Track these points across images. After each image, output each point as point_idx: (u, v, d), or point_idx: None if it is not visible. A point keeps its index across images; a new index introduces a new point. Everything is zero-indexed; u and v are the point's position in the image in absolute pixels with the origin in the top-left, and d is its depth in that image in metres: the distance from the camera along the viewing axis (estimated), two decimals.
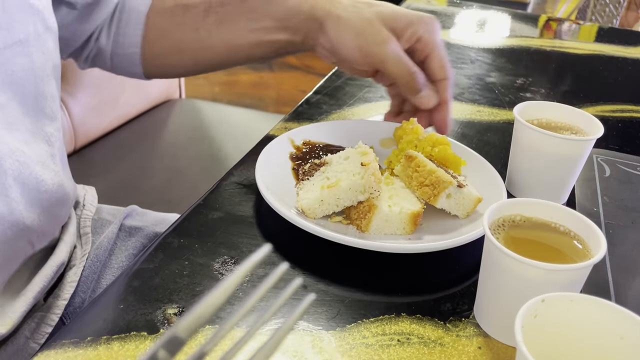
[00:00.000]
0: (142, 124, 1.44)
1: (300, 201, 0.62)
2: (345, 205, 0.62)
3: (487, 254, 0.51)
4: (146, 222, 0.84)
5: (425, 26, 0.73)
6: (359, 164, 0.62)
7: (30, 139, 0.64)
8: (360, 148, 0.65)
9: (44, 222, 0.67)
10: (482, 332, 0.53)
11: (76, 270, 0.74)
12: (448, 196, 0.62)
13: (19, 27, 0.60)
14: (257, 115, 1.63)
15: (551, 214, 0.54)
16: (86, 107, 1.28)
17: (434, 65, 0.74)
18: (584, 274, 0.49)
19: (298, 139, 0.73)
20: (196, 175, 1.28)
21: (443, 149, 0.69)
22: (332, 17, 0.72)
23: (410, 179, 0.65)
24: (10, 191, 0.61)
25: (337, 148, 0.73)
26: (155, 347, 0.31)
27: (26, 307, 0.66)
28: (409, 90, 0.73)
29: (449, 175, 0.63)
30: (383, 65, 0.72)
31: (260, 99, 3.01)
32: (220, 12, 0.77)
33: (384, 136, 0.78)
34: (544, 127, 0.70)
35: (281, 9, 0.75)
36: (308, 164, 0.67)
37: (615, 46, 1.31)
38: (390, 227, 0.61)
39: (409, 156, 0.65)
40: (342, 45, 0.72)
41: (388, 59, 0.71)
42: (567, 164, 0.68)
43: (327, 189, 0.61)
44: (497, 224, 0.53)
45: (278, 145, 0.71)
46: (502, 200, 0.61)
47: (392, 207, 0.61)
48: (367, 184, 0.60)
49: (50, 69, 0.67)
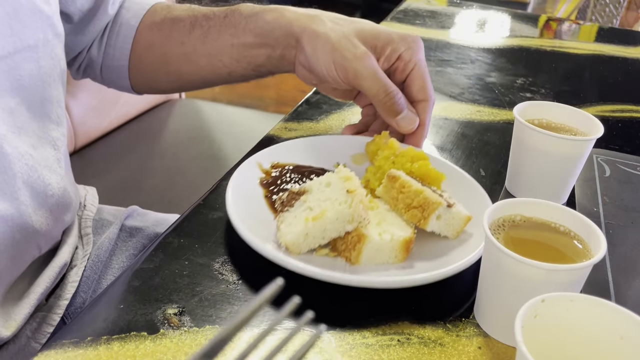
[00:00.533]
0: (142, 124, 1.44)
1: (282, 236, 0.56)
2: (332, 237, 0.57)
3: (487, 254, 0.51)
4: (147, 222, 0.85)
5: (406, 44, 0.70)
6: (343, 190, 0.58)
7: (37, 144, 0.65)
8: (341, 172, 0.60)
9: (51, 225, 0.68)
10: (482, 332, 0.53)
11: (77, 270, 0.75)
12: (438, 218, 0.59)
13: (30, 33, 0.61)
14: (257, 115, 1.63)
15: (551, 214, 0.54)
16: (86, 107, 1.28)
17: (414, 85, 0.71)
18: (584, 274, 0.49)
19: (265, 162, 0.69)
20: (196, 175, 1.28)
21: (424, 165, 0.66)
22: (308, 32, 0.70)
23: (395, 200, 0.61)
24: (19, 194, 0.61)
25: (307, 168, 0.70)
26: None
27: (29, 309, 0.66)
28: (386, 111, 0.69)
29: (436, 194, 0.60)
30: (357, 81, 0.68)
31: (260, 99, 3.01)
32: (205, 27, 0.76)
33: (355, 152, 0.73)
34: (544, 127, 0.70)
35: (260, 24, 0.73)
36: (287, 194, 0.62)
37: (615, 46, 1.31)
38: (382, 256, 0.57)
39: (392, 176, 0.61)
40: (317, 60, 0.70)
41: (363, 75, 0.68)
42: (567, 164, 0.68)
43: (312, 221, 0.56)
44: (497, 224, 0.53)
45: (246, 171, 0.66)
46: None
47: (383, 234, 0.57)
48: (355, 212, 0.56)
49: (58, 75, 0.67)
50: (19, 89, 0.61)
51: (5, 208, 0.60)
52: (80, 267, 0.75)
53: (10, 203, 0.60)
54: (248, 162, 0.67)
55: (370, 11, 4.23)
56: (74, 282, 0.74)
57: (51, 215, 0.67)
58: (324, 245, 0.58)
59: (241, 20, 0.74)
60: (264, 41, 0.73)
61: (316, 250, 0.57)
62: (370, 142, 0.71)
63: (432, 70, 1.08)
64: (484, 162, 0.80)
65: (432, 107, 0.72)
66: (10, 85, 0.60)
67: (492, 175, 0.77)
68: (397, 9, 1.42)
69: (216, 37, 0.76)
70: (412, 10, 1.41)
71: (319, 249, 0.57)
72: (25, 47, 0.61)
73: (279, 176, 0.67)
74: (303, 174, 0.68)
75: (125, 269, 0.57)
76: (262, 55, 0.74)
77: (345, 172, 0.60)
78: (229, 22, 0.75)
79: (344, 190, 0.58)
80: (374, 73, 0.68)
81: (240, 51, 0.75)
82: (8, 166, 0.60)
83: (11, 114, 0.60)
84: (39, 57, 0.63)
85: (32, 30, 0.61)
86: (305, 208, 0.58)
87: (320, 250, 0.57)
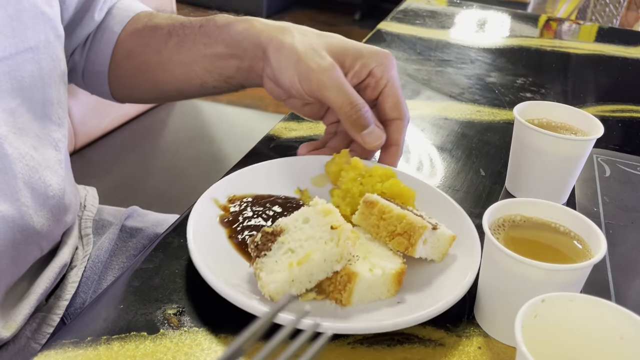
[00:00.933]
0: (142, 124, 1.44)
1: (265, 286, 0.50)
2: (319, 280, 0.52)
3: (487, 254, 0.51)
4: (147, 223, 0.85)
5: (377, 60, 0.67)
6: (326, 226, 0.52)
7: (38, 145, 0.65)
8: (319, 206, 0.55)
9: (52, 226, 0.68)
10: (482, 332, 0.53)
11: (77, 271, 0.75)
12: (424, 242, 0.55)
13: (31, 34, 0.61)
14: (257, 115, 1.63)
15: (551, 214, 0.54)
16: (86, 107, 1.28)
17: (386, 103, 0.68)
18: (584, 274, 0.49)
19: (221, 197, 0.63)
20: (196, 175, 1.28)
21: (395, 184, 0.62)
22: (275, 42, 0.67)
23: (377, 228, 0.57)
24: (20, 195, 0.61)
25: (268, 198, 0.64)
26: None
27: (29, 310, 0.66)
28: (351, 125, 0.65)
29: (419, 217, 0.56)
30: (322, 93, 0.65)
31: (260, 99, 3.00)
32: (181, 35, 0.75)
33: (315, 173, 0.68)
34: (544, 127, 0.70)
35: (231, 34, 0.71)
36: (259, 235, 0.54)
37: (615, 46, 1.31)
38: (374, 293, 0.53)
39: (369, 202, 0.57)
40: (281, 71, 0.67)
41: (327, 86, 0.64)
42: (567, 164, 0.68)
43: (297, 265, 0.50)
44: (497, 224, 0.53)
45: (202, 211, 0.59)
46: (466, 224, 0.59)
47: (374, 270, 0.52)
48: (344, 251, 0.51)
49: (58, 76, 0.67)
50: (20, 90, 0.61)
51: (6, 209, 0.60)
52: (80, 268, 0.75)
53: (11, 204, 0.61)
54: (202, 199, 0.61)
55: (370, 11, 4.23)
56: (74, 283, 0.74)
57: (52, 216, 0.67)
58: (309, 289, 0.52)
59: (214, 29, 0.73)
60: (234, 52, 0.71)
61: (301, 295, 0.52)
62: (330, 162, 0.67)
63: (432, 70, 1.08)
64: (484, 162, 0.80)
65: (406, 125, 0.69)
66: (11, 86, 0.60)
67: (492, 175, 0.77)
68: (397, 9, 1.42)
69: (191, 46, 0.74)
70: (412, 10, 1.41)
71: (305, 294, 0.52)
72: (27, 48, 0.61)
73: (239, 211, 0.62)
74: (265, 205, 0.63)
75: (125, 269, 0.57)
76: (232, 67, 0.72)
77: (322, 204, 0.55)
78: (204, 31, 0.73)
79: (326, 226, 0.52)
80: (340, 84, 0.65)
81: (212, 61, 0.73)
82: (9, 167, 0.60)
83: (12, 115, 0.61)
84: (40, 59, 0.63)
85: (33, 32, 0.62)
86: (285, 250, 0.53)
87: (306, 295, 0.52)
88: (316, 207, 0.54)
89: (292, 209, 0.62)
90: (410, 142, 0.84)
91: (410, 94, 0.98)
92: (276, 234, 0.54)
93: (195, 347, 0.49)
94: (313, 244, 0.52)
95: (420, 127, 0.88)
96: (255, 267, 0.52)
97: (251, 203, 0.63)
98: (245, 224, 0.60)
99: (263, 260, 0.52)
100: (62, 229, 0.72)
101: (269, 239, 0.54)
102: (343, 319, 0.51)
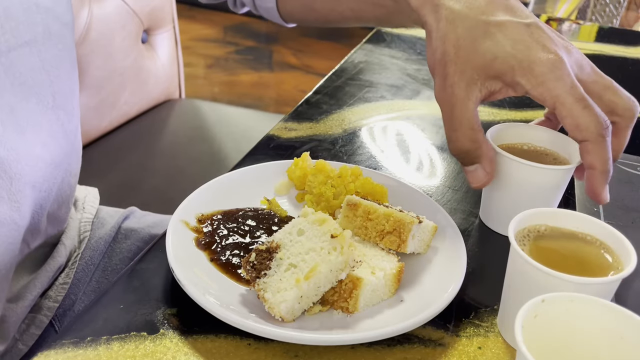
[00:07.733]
0: (142, 124, 1.44)
1: (275, 308, 0.49)
2: (325, 291, 0.51)
3: (513, 265, 0.51)
4: (142, 224, 0.84)
5: None
6: (324, 236, 0.51)
7: (48, 140, 0.63)
8: (311, 216, 0.53)
9: (50, 227, 0.67)
10: (482, 332, 0.53)
11: (68, 272, 0.74)
12: (413, 237, 0.55)
13: (25, 29, 0.60)
14: (257, 115, 1.63)
15: (577, 224, 0.54)
16: (86, 107, 1.28)
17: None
18: (613, 287, 0.48)
19: (190, 219, 0.59)
20: (196, 175, 1.28)
21: (367, 182, 0.62)
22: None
23: (364, 229, 0.56)
24: (19, 196, 0.60)
25: (236, 212, 0.62)
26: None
27: (23, 316, 0.66)
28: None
29: (403, 213, 0.56)
30: (554, 102, 0.54)
31: (260, 99, 3.01)
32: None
33: (277, 181, 0.67)
34: (520, 153, 0.62)
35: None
36: (254, 254, 0.52)
37: (615, 46, 1.31)
38: (378, 295, 0.53)
39: (352, 204, 0.57)
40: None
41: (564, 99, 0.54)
42: (545, 193, 0.62)
43: (305, 280, 0.49)
44: (523, 234, 0.52)
45: (175, 236, 0.56)
46: None
47: (375, 272, 0.52)
48: (348, 258, 0.50)
49: (69, 65, 0.66)
50: (21, 86, 0.60)
51: (5, 210, 0.60)
52: (72, 269, 0.75)
53: (10, 205, 0.60)
54: (172, 225, 0.57)
55: None
56: (65, 284, 0.73)
57: (51, 217, 0.67)
58: (315, 302, 0.51)
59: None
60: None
61: (307, 310, 0.51)
62: (292, 168, 0.66)
63: None
64: None
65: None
66: (10, 83, 0.59)
67: None
68: None
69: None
70: None
71: (311, 308, 0.51)
72: (21, 43, 0.59)
73: (212, 231, 0.59)
74: (237, 220, 0.61)
75: (125, 269, 0.57)
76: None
77: (314, 214, 0.54)
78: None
79: (325, 236, 0.51)
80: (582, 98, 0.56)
81: None
82: (9, 167, 0.59)
83: (11, 113, 0.59)
84: (40, 51, 0.61)
85: (27, 26, 0.60)
86: (287, 267, 0.51)
87: (312, 308, 0.51)
88: (309, 217, 0.53)
89: (266, 221, 0.61)
90: (411, 142, 0.84)
91: (410, 94, 0.98)
92: (272, 250, 0.52)
93: (195, 347, 0.49)
94: (316, 256, 0.51)
95: (420, 127, 0.88)
96: (257, 289, 0.51)
97: (222, 220, 0.61)
98: (224, 244, 0.58)
99: (265, 280, 0.51)
100: (60, 229, 0.72)
101: (265, 257, 0.52)
102: (355, 327, 0.50)
